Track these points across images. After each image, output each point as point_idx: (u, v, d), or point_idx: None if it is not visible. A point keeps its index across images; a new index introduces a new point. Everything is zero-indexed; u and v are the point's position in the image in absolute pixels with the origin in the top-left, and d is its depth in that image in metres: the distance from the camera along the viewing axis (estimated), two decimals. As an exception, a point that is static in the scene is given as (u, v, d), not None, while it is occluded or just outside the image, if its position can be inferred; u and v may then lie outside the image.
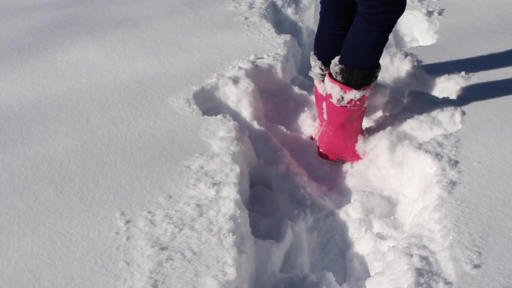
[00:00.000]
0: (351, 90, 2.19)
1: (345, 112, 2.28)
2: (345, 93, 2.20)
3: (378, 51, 2.17)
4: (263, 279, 1.86)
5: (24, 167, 2.11)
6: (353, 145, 2.39)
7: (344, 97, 2.21)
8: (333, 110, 2.30)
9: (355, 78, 2.16)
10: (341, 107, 2.25)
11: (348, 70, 2.16)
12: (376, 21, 2.06)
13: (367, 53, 2.14)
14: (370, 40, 2.10)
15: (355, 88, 2.19)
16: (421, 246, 1.75)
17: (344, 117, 2.29)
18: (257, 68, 2.74)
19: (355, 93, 2.20)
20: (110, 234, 1.81)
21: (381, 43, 2.13)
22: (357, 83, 2.18)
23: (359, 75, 2.16)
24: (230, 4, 3.52)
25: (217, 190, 1.97)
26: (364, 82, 2.19)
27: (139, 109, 2.44)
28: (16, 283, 1.64)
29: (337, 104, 2.25)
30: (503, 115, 2.32)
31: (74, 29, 3.21)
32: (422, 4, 3.53)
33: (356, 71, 2.15)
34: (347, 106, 2.24)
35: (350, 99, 2.21)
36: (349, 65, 2.16)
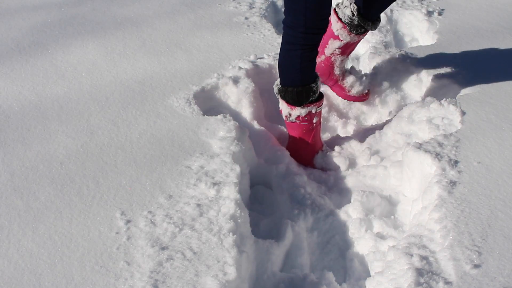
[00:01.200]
0: (295, 108, 2.27)
1: (296, 128, 2.36)
2: (291, 110, 2.29)
3: (307, 67, 2.20)
4: (263, 279, 1.86)
5: (25, 167, 2.11)
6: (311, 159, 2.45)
7: (291, 114, 2.31)
8: (287, 125, 2.41)
9: (291, 96, 2.23)
10: (291, 122, 2.35)
11: (284, 89, 2.24)
12: (296, 40, 2.10)
13: (295, 71, 2.19)
14: (295, 58, 2.15)
15: (297, 105, 2.26)
16: (421, 246, 1.75)
17: (297, 132, 2.38)
18: (257, 68, 2.74)
19: (300, 110, 2.27)
20: (111, 234, 1.81)
21: (307, 59, 2.17)
22: (294, 100, 2.24)
23: (293, 93, 2.22)
24: (230, 4, 3.52)
25: (217, 190, 1.97)
26: (301, 99, 2.23)
27: (139, 109, 2.44)
28: (16, 283, 1.64)
29: (286, 120, 2.36)
30: (503, 115, 2.32)
31: (75, 29, 3.22)
32: (422, 4, 3.53)
33: (290, 89, 2.22)
34: (297, 122, 2.33)
35: (297, 115, 2.30)
36: (283, 84, 2.25)
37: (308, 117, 2.31)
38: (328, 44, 2.56)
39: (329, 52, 2.59)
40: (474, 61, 2.77)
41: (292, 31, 2.10)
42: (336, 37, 2.51)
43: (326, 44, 2.56)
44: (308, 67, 2.20)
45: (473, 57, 2.81)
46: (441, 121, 2.34)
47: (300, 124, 2.34)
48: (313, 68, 2.23)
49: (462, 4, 3.49)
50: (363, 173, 2.32)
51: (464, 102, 2.41)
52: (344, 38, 2.50)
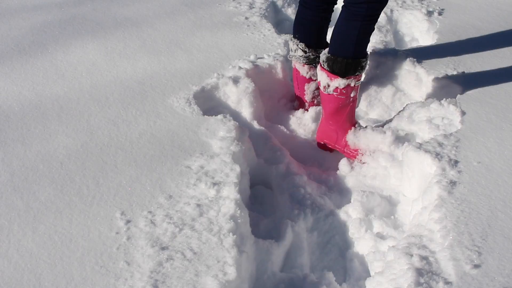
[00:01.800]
0: (336, 78, 2.27)
1: (333, 101, 2.35)
2: (331, 80, 2.29)
3: (362, 41, 2.23)
4: (263, 279, 1.86)
5: (25, 167, 2.11)
6: (343, 136, 2.44)
7: (329, 84, 2.30)
8: (323, 98, 2.40)
9: (339, 66, 2.24)
10: (328, 94, 2.33)
11: (333, 58, 2.25)
12: (359, 11, 2.13)
13: (350, 42, 2.21)
14: (353, 29, 2.18)
15: (340, 76, 2.25)
16: (421, 246, 1.75)
17: (333, 105, 2.37)
18: (257, 68, 2.74)
19: (339, 81, 2.27)
20: (111, 234, 1.81)
21: (365, 32, 2.20)
22: (341, 71, 2.25)
23: (342, 63, 2.23)
24: (230, 4, 3.52)
25: (217, 190, 1.97)
26: (348, 71, 2.25)
27: (139, 109, 2.44)
28: (16, 283, 1.64)
29: (323, 91, 2.34)
30: (503, 115, 2.32)
31: (75, 29, 3.22)
32: (422, 4, 3.53)
33: (340, 59, 2.23)
34: (334, 94, 2.32)
35: (335, 87, 2.29)
36: (334, 53, 2.25)
37: (346, 90, 2.30)
38: (305, 91, 2.65)
39: (309, 97, 2.67)
40: (474, 61, 2.77)
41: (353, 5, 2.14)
42: (309, 79, 2.61)
43: (304, 92, 2.65)
44: (364, 41, 2.24)
45: (473, 57, 2.81)
46: (441, 121, 2.34)
47: (337, 97, 2.33)
48: (367, 44, 2.27)
49: (462, 4, 3.49)
50: (363, 173, 2.32)
51: (464, 102, 2.41)
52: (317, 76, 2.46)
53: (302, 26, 2.50)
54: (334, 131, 2.44)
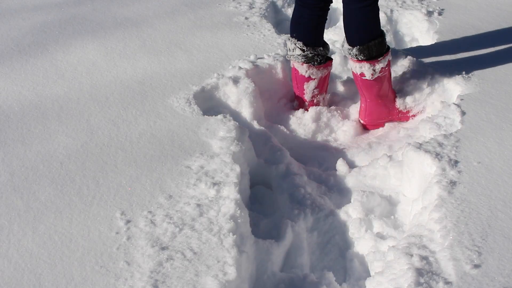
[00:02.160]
0: (378, 62, 2.43)
1: (379, 82, 2.51)
2: (374, 66, 2.43)
3: (377, 19, 2.41)
4: (263, 279, 1.86)
5: (25, 167, 2.11)
6: (394, 105, 2.62)
7: (375, 70, 2.44)
8: (370, 85, 2.51)
9: (375, 49, 2.40)
10: (374, 79, 2.47)
11: (365, 46, 2.38)
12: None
13: (373, 24, 2.38)
14: (371, 12, 2.34)
15: (379, 57, 2.42)
16: (421, 246, 1.75)
17: (379, 86, 2.52)
18: (257, 68, 2.74)
19: (382, 62, 2.44)
20: (111, 234, 1.81)
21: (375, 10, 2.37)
22: (379, 51, 2.41)
23: (375, 45, 2.39)
24: (230, 4, 3.52)
25: (217, 190, 1.97)
26: (383, 48, 2.43)
27: (139, 109, 2.44)
28: (16, 283, 1.64)
29: (371, 78, 2.47)
30: (503, 115, 2.32)
31: (75, 29, 3.22)
32: (422, 4, 3.53)
33: (372, 43, 2.38)
34: (379, 75, 2.47)
35: (381, 67, 2.45)
36: (363, 42, 2.38)
37: (387, 65, 2.49)
38: (304, 90, 2.66)
39: (309, 96, 2.68)
40: (474, 61, 2.77)
41: None
42: (308, 78, 2.62)
43: (303, 91, 2.67)
44: (378, 19, 2.42)
45: (473, 57, 2.81)
46: (442, 121, 2.34)
47: (383, 76, 2.49)
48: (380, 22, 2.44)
49: (462, 4, 3.49)
50: (363, 173, 2.32)
51: (464, 102, 2.41)
52: (315, 74, 2.61)
53: (299, 25, 2.53)
54: (385, 106, 2.60)
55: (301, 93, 2.68)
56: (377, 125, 2.66)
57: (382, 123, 2.66)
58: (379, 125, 2.66)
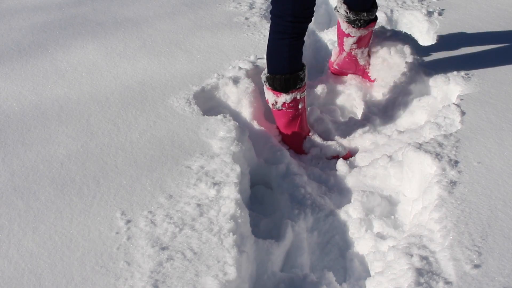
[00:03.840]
0: (281, 95, 2.37)
1: (284, 115, 2.46)
2: (277, 97, 2.39)
3: (294, 56, 2.32)
4: (263, 279, 1.86)
5: (25, 167, 2.11)
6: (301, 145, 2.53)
7: (277, 101, 2.40)
8: (274, 114, 2.50)
9: (279, 83, 2.34)
10: (278, 110, 2.44)
11: (272, 76, 2.34)
12: (286, 30, 2.22)
13: (283, 59, 2.31)
14: (283, 46, 2.27)
15: (284, 92, 2.35)
16: (421, 246, 1.75)
17: (285, 120, 2.47)
18: (257, 68, 2.74)
19: (285, 97, 2.37)
20: (111, 234, 1.81)
21: (295, 48, 2.29)
22: (282, 87, 2.34)
23: (281, 80, 2.32)
24: (230, 5, 3.52)
25: (217, 190, 1.97)
26: (289, 86, 2.34)
27: (139, 109, 2.44)
28: (16, 283, 1.64)
29: (272, 108, 2.45)
30: (503, 115, 2.32)
31: (75, 29, 3.22)
32: (422, 4, 3.53)
33: (278, 76, 2.32)
34: (283, 110, 2.42)
35: (283, 102, 2.39)
36: (271, 72, 2.35)
37: (293, 103, 2.40)
38: (344, 42, 2.78)
39: (347, 48, 2.80)
40: (474, 61, 2.77)
41: (280, 20, 2.23)
42: (347, 35, 2.72)
43: (343, 43, 2.79)
44: (296, 56, 2.32)
45: (473, 57, 2.81)
46: (442, 121, 2.34)
47: (286, 111, 2.43)
48: (300, 57, 2.35)
49: (462, 4, 3.49)
50: (363, 173, 2.32)
51: (464, 102, 2.41)
52: (354, 33, 2.71)
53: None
54: (291, 142, 2.54)
55: (341, 43, 2.81)
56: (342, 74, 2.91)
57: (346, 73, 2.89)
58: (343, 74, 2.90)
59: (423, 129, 2.40)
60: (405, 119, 2.67)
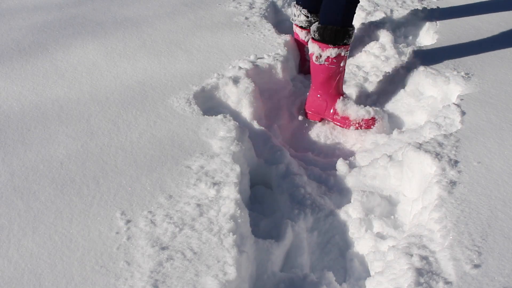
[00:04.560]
0: (327, 48, 2.50)
1: (324, 70, 2.57)
2: (322, 51, 2.52)
3: (349, 11, 2.49)
4: (263, 279, 1.86)
5: (25, 167, 2.11)
6: (332, 105, 2.64)
7: (321, 54, 2.52)
8: (314, 69, 2.61)
9: (329, 34, 2.48)
10: (320, 65, 2.56)
11: (323, 27, 2.49)
12: None
13: (339, 11, 2.45)
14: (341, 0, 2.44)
15: (331, 44, 2.48)
16: (421, 246, 1.75)
17: (324, 75, 2.58)
18: (257, 68, 2.74)
19: (331, 51, 2.50)
20: (111, 234, 1.81)
21: (351, 3, 2.46)
22: (331, 39, 2.49)
23: (332, 31, 2.47)
24: (230, 4, 3.52)
25: (217, 190, 1.97)
26: (338, 39, 2.49)
27: (139, 109, 2.44)
28: (16, 283, 1.64)
29: (315, 61, 2.56)
30: (503, 115, 2.32)
31: (75, 29, 3.22)
32: (422, 4, 3.53)
33: (330, 27, 2.47)
34: (325, 64, 2.54)
35: (327, 56, 2.52)
36: (324, 22, 2.50)
37: (337, 59, 2.53)
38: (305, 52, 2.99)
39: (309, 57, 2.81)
40: (474, 61, 2.77)
41: None
42: (307, 42, 2.82)
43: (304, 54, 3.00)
44: (350, 11, 2.49)
45: (473, 57, 2.81)
46: (442, 121, 2.34)
47: (328, 67, 2.55)
48: (352, 16, 2.52)
49: (462, 4, 3.49)
50: (363, 173, 2.32)
51: (464, 102, 2.42)
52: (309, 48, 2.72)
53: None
54: (324, 100, 2.65)
55: (302, 54, 3.02)
56: (314, 117, 2.75)
57: (318, 117, 2.74)
58: (315, 118, 2.75)
59: (423, 129, 2.40)
60: (405, 119, 2.68)
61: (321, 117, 2.72)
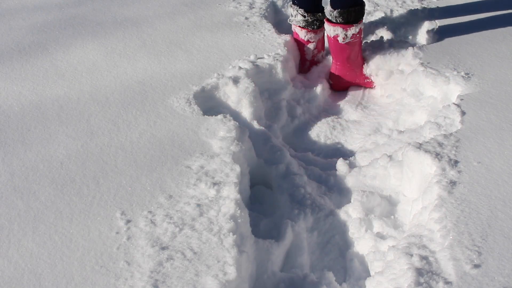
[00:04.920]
0: (351, 27, 2.74)
1: (350, 47, 2.81)
2: (347, 31, 2.74)
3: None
4: (263, 279, 1.86)
5: (25, 167, 2.11)
6: (361, 71, 2.91)
7: (347, 34, 2.75)
8: (340, 48, 2.83)
9: (354, 15, 2.72)
10: (346, 44, 2.78)
11: (346, 11, 2.71)
12: None
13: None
14: None
15: (354, 23, 2.73)
16: (421, 246, 1.75)
17: (349, 51, 2.82)
18: (257, 68, 2.74)
19: (355, 28, 2.75)
20: (111, 233, 1.81)
21: None
22: (356, 17, 2.74)
23: (355, 11, 2.72)
24: (230, 4, 3.52)
25: (217, 190, 1.97)
26: (360, 16, 2.76)
27: (139, 109, 2.44)
28: (16, 283, 1.64)
29: (343, 42, 2.77)
30: (503, 115, 2.32)
31: (75, 29, 3.22)
32: (422, 4, 3.53)
33: (352, 9, 2.71)
34: (351, 41, 2.78)
35: (352, 34, 2.75)
36: (345, 6, 2.70)
37: (359, 33, 2.80)
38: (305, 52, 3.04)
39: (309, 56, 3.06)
40: (474, 61, 2.77)
41: None
42: (307, 42, 2.99)
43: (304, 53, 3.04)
44: None
45: (473, 57, 2.81)
46: (442, 121, 2.34)
47: (354, 42, 2.80)
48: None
49: (462, 4, 3.49)
50: (363, 173, 2.32)
51: (464, 102, 2.41)
52: (314, 38, 2.98)
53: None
54: (352, 70, 2.89)
55: (302, 54, 3.06)
56: (343, 87, 2.99)
57: (348, 86, 2.98)
58: (345, 87, 2.98)
59: (423, 129, 2.40)
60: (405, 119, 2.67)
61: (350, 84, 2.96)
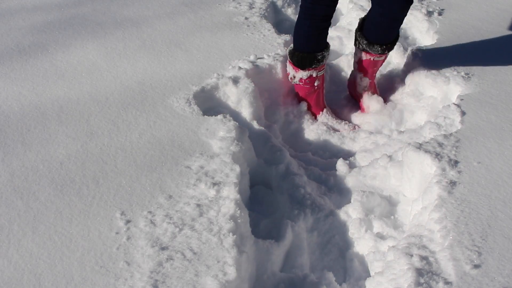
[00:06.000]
0: (299, 70, 2.61)
1: (300, 89, 2.71)
2: (296, 72, 2.62)
3: (314, 36, 2.52)
4: (263, 279, 1.86)
5: (24, 167, 2.11)
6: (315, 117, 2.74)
7: (295, 76, 2.64)
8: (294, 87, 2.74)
9: (296, 59, 2.58)
10: (296, 84, 2.69)
11: (293, 51, 2.59)
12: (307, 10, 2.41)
13: (303, 38, 2.53)
14: (304, 26, 2.48)
15: (300, 68, 2.58)
16: (421, 246, 1.75)
17: (301, 93, 2.72)
18: (257, 68, 2.74)
19: (302, 73, 2.60)
20: (111, 234, 1.81)
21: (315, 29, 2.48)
22: (299, 63, 2.58)
23: (298, 57, 2.56)
24: (230, 4, 3.52)
25: (217, 190, 1.97)
26: (305, 64, 2.57)
27: (139, 109, 2.44)
28: (16, 283, 1.64)
29: (290, 81, 2.69)
30: (503, 115, 2.32)
31: (75, 29, 3.22)
32: (422, 4, 3.53)
33: (297, 53, 2.56)
34: (300, 84, 2.66)
35: (300, 77, 2.62)
36: (294, 47, 2.59)
37: (309, 79, 2.63)
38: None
39: None
40: (474, 61, 2.77)
41: (304, 1, 2.43)
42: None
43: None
44: (314, 36, 2.52)
45: (473, 57, 2.81)
46: (442, 121, 2.34)
47: (303, 86, 2.67)
48: (321, 39, 2.54)
49: (462, 4, 3.49)
50: (363, 173, 2.32)
51: (464, 102, 2.41)
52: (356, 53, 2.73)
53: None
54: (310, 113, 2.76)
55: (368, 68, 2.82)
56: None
57: None
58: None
59: (423, 129, 2.40)
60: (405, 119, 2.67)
61: None
